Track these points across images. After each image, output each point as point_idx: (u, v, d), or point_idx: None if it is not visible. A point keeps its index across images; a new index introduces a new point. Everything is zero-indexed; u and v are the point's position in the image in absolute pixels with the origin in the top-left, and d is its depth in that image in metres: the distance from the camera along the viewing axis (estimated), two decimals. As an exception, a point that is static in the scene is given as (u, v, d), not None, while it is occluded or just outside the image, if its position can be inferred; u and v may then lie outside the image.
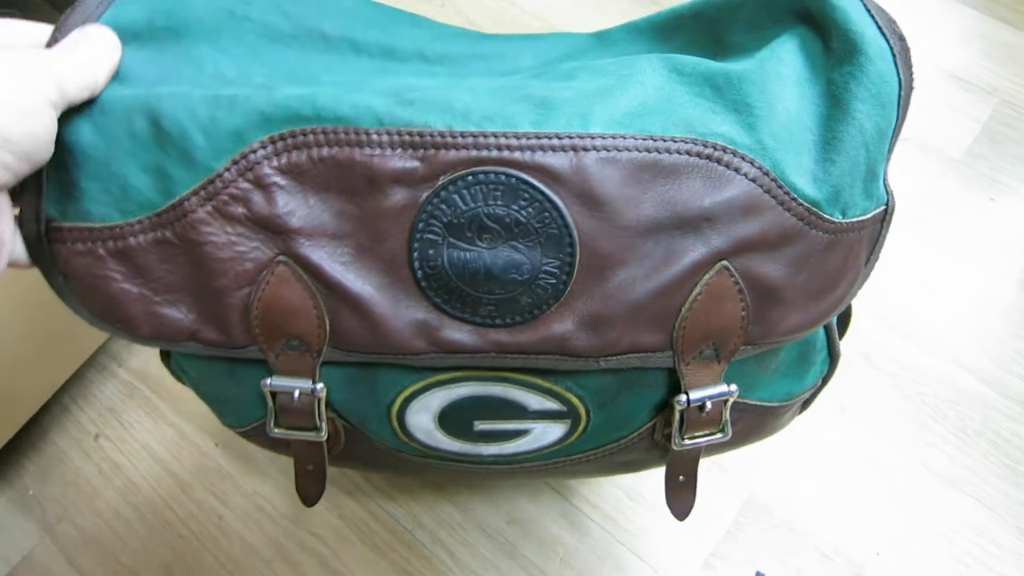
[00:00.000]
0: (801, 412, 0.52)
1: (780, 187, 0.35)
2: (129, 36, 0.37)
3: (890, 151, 0.39)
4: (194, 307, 0.37)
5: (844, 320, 0.56)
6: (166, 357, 0.48)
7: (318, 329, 0.37)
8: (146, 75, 0.36)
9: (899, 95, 0.37)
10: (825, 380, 0.48)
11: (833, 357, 0.47)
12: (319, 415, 0.40)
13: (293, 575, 0.67)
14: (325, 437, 0.42)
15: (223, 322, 0.37)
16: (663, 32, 0.45)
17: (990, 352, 0.73)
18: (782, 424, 0.49)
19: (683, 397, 0.39)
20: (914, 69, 0.37)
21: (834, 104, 0.36)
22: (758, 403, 0.45)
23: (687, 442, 0.42)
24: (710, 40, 0.43)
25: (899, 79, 0.37)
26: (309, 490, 0.46)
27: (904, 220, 0.81)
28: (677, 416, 0.40)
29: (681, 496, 0.47)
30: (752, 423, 0.46)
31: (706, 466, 0.68)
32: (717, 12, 0.43)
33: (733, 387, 0.39)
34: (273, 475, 0.71)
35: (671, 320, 0.37)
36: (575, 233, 0.35)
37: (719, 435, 0.42)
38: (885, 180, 0.39)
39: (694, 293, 0.36)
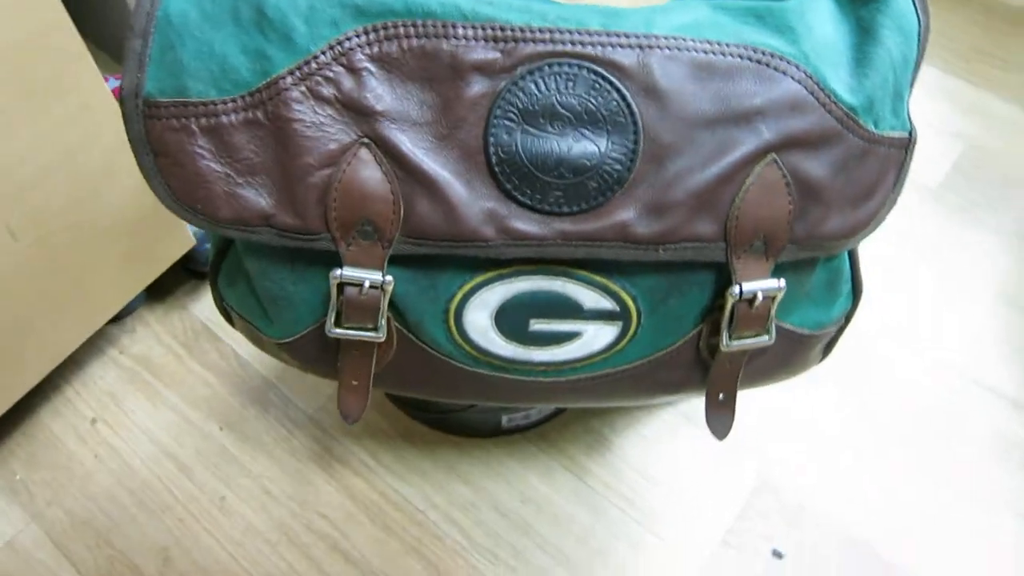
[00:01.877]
0: (822, 359, 0.54)
1: (822, 90, 0.39)
2: None
3: (912, 83, 0.44)
4: (274, 191, 0.39)
5: (857, 286, 0.59)
6: (216, 269, 0.48)
7: (393, 214, 0.39)
8: None
9: (919, 31, 0.42)
10: (848, 319, 0.51)
11: (857, 291, 0.50)
12: (382, 310, 0.41)
13: (300, 557, 0.64)
14: (384, 337, 0.42)
15: (301, 205, 0.39)
16: None
17: (982, 358, 0.77)
18: (808, 361, 0.52)
19: (736, 288, 0.41)
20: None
21: (864, 33, 0.41)
22: (791, 327, 0.47)
23: (734, 343, 0.43)
24: None
25: (918, 17, 0.42)
26: (351, 406, 0.46)
27: (888, 238, 0.86)
28: (728, 310, 0.42)
29: (721, 415, 0.48)
30: (784, 350, 0.48)
31: (720, 448, 0.69)
32: None
33: (782, 282, 0.42)
34: (280, 456, 0.69)
35: (725, 210, 0.40)
36: (640, 122, 0.38)
37: (764, 337, 0.44)
38: (908, 112, 0.44)
39: (747, 183, 0.39)
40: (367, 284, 0.40)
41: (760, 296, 0.41)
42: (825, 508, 0.66)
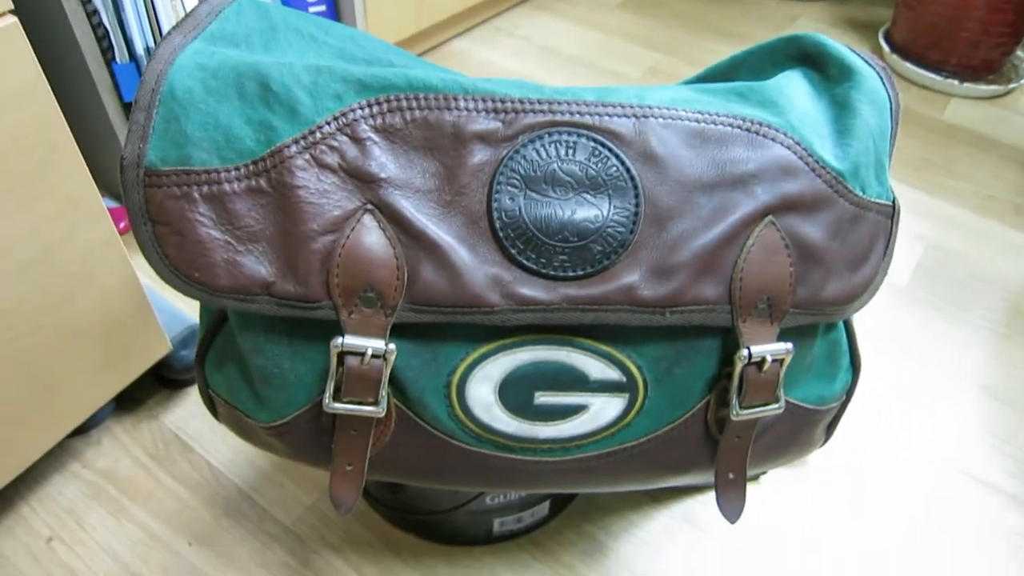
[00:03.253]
0: (824, 442, 0.53)
1: (811, 156, 0.41)
2: (224, 42, 0.41)
3: (890, 154, 0.46)
4: (274, 258, 0.38)
5: (856, 360, 0.59)
6: (203, 352, 0.46)
7: (396, 280, 0.38)
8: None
9: (891, 106, 0.45)
10: (849, 395, 0.50)
11: (856, 364, 0.50)
12: (384, 381, 0.40)
13: None
14: (383, 412, 0.41)
15: (302, 272, 0.38)
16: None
17: (965, 448, 0.77)
18: (813, 441, 0.51)
19: (744, 351, 0.41)
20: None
21: (841, 108, 0.44)
22: (796, 402, 0.47)
23: (744, 412, 0.42)
24: None
25: (888, 93, 0.45)
26: (344, 493, 0.44)
27: (868, 333, 0.87)
28: (737, 375, 0.42)
29: (732, 496, 0.46)
30: (790, 426, 0.47)
31: (720, 551, 0.66)
32: (723, 70, 0.52)
33: (790, 345, 0.42)
34: (255, 572, 0.64)
35: (728, 272, 0.40)
36: (640, 185, 0.39)
37: (775, 405, 0.43)
38: (889, 183, 0.46)
39: (748, 244, 0.40)
40: (369, 352, 0.39)
41: (769, 359, 0.41)
42: (835, 609, 0.63)
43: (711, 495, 0.71)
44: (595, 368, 0.42)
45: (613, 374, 0.42)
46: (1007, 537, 0.69)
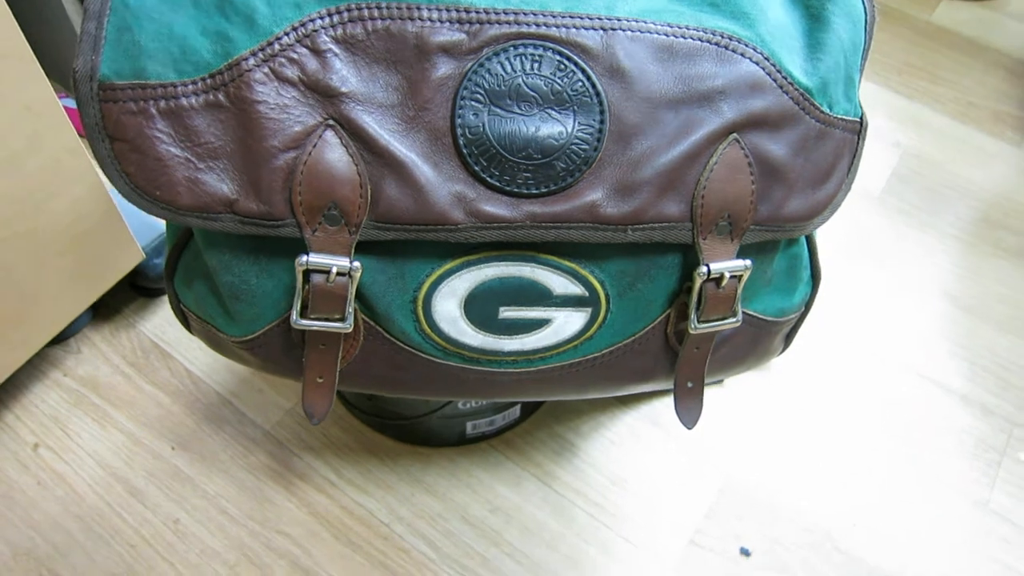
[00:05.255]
0: (783, 350, 0.55)
1: (779, 71, 0.41)
2: None
3: (861, 69, 0.45)
4: (236, 176, 0.38)
5: (816, 272, 0.60)
6: (172, 268, 0.47)
7: (360, 198, 0.38)
8: None
9: (865, 18, 0.44)
10: (808, 306, 0.52)
11: (815, 277, 0.51)
12: (350, 298, 0.40)
13: (259, 576, 0.62)
14: (351, 328, 0.42)
15: (265, 190, 0.38)
16: None
17: (925, 352, 0.79)
18: (771, 350, 0.52)
19: (703, 268, 0.42)
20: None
21: (814, 19, 0.43)
22: (755, 314, 0.48)
23: (702, 325, 0.44)
24: None
25: (864, 6, 0.44)
26: (317, 404, 0.45)
27: (836, 243, 0.89)
28: (696, 291, 0.43)
29: (690, 403, 0.48)
30: (749, 337, 0.49)
31: (685, 451, 0.69)
32: None
33: (748, 262, 0.42)
34: (237, 475, 0.67)
35: (691, 190, 0.40)
36: (605, 102, 0.38)
37: (732, 319, 0.44)
38: (859, 98, 0.45)
39: (711, 162, 0.40)
40: (334, 271, 0.39)
41: (727, 276, 0.42)
42: (790, 505, 0.67)
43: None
44: (558, 283, 0.43)
45: (576, 289, 0.43)
46: (958, 437, 0.73)
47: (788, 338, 0.54)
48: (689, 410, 0.49)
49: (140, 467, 0.67)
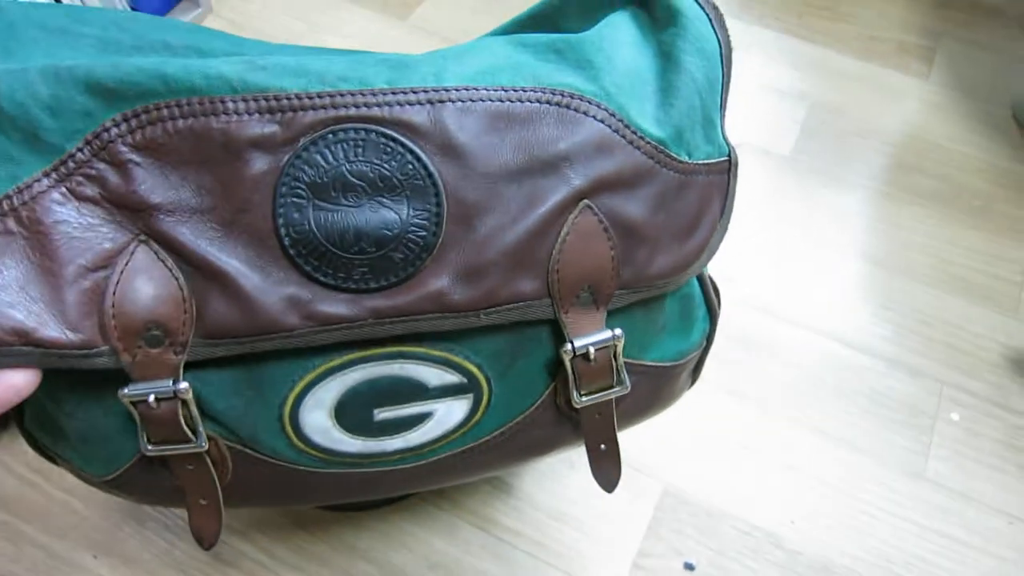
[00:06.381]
0: (692, 384, 0.53)
1: (627, 127, 0.38)
2: None
3: (723, 106, 0.42)
4: (34, 305, 0.33)
5: (712, 308, 0.59)
6: (19, 409, 0.43)
7: (184, 314, 0.35)
8: None
9: (720, 51, 0.41)
10: (709, 340, 0.50)
11: (712, 313, 0.49)
12: (190, 419, 0.37)
13: None
14: (206, 447, 0.38)
15: (72, 316, 0.34)
16: (503, 34, 0.47)
17: (848, 318, 0.79)
18: (678, 391, 0.51)
19: (568, 345, 0.39)
20: (740, 83, 0.42)
21: (666, 59, 0.40)
22: (653, 364, 0.46)
23: (586, 398, 0.42)
24: (549, 30, 0.46)
25: (717, 37, 0.41)
26: (205, 528, 0.42)
27: (753, 214, 0.87)
28: (568, 369, 0.40)
29: (605, 467, 0.46)
30: (651, 386, 0.47)
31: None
32: (552, 9, 0.47)
33: (618, 331, 0.40)
34: (165, 574, 0.64)
35: (544, 265, 0.38)
36: (440, 183, 0.35)
37: (618, 388, 0.42)
38: (724, 135, 0.42)
39: (562, 233, 0.37)
40: (152, 399, 0.36)
41: (592, 351, 0.40)
42: (727, 510, 0.67)
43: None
44: (432, 375, 0.40)
45: (452, 378, 0.40)
46: (889, 407, 0.73)
47: (695, 373, 0.52)
48: (607, 472, 0.47)
49: (62, 582, 0.64)
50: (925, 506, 0.67)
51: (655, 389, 0.48)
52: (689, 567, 0.64)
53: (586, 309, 0.39)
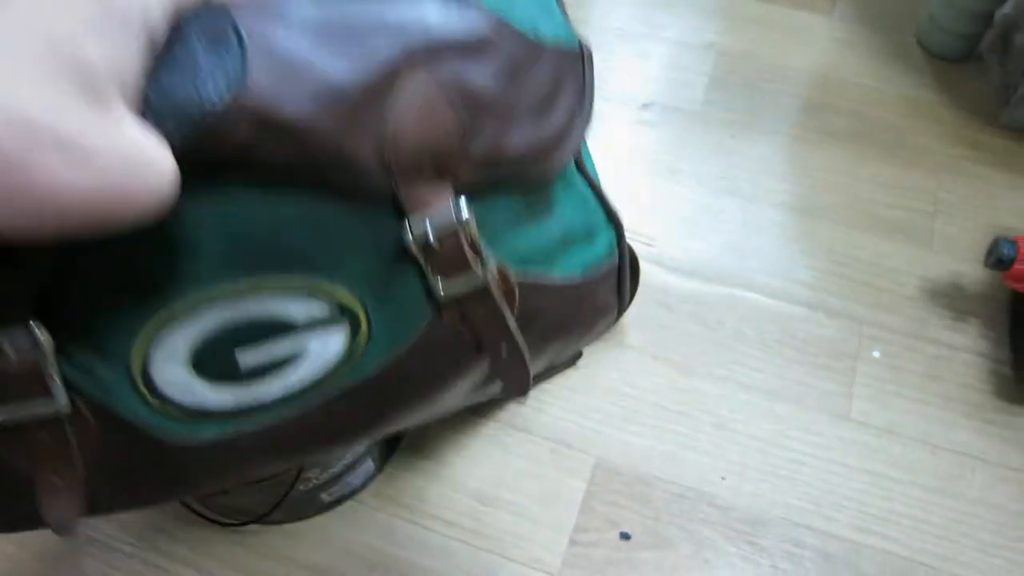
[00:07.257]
0: (620, 313, 0.53)
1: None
2: None
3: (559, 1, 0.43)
4: None
5: (634, 271, 0.59)
6: None
7: None
8: None
9: None
10: (621, 253, 0.50)
11: (613, 220, 0.49)
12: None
13: None
14: (65, 402, 0.35)
15: None
16: None
17: (767, 268, 0.79)
18: (602, 310, 0.50)
19: (405, 221, 0.37)
20: (643, 42, 0.42)
21: None
22: (562, 279, 0.45)
23: (447, 289, 0.40)
24: None
25: None
26: (61, 509, 0.38)
27: (666, 174, 0.86)
28: (413, 249, 0.38)
29: (512, 372, 0.45)
30: (567, 304, 0.47)
31: (549, 447, 0.69)
32: None
33: (463, 211, 0.38)
34: (106, 609, 0.64)
35: (379, 130, 0.35)
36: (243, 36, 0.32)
37: (477, 273, 0.40)
38: (571, 27, 0.43)
39: (399, 98, 0.35)
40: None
41: (431, 227, 0.37)
42: (658, 475, 0.67)
43: (531, 396, 0.72)
44: (297, 308, 0.37)
45: (320, 306, 0.38)
46: (811, 352, 0.74)
47: (620, 293, 0.52)
48: (516, 376, 0.45)
49: (3, 630, 0.64)
50: (852, 446, 0.68)
51: (573, 307, 0.47)
52: (625, 536, 0.64)
53: (430, 184, 0.37)
